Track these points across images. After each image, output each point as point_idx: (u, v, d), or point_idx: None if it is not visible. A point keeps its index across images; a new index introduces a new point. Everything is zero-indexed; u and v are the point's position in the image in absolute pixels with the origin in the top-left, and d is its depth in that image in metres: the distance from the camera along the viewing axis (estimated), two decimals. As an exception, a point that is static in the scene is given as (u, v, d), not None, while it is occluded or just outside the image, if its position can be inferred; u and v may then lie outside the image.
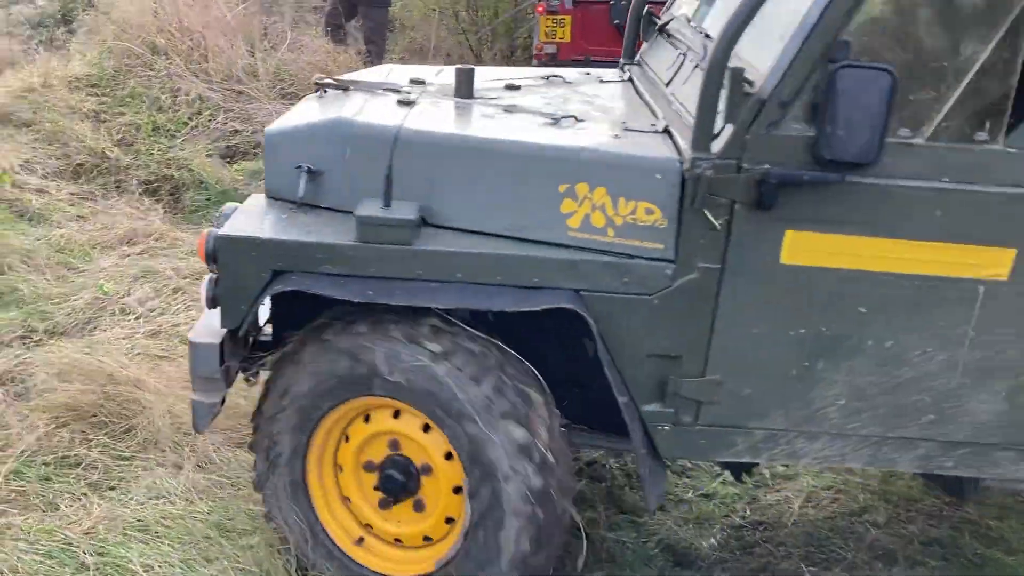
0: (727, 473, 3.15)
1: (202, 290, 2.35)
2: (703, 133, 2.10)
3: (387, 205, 2.28)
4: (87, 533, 2.68)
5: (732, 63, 2.05)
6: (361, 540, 2.56)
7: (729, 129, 2.09)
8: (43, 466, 2.99)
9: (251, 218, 2.38)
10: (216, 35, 6.90)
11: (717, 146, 2.10)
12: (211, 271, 2.33)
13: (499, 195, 2.27)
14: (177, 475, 2.97)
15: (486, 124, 2.47)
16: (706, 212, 2.14)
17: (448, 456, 2.37)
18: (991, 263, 2.18)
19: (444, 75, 2.94)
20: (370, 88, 2.73)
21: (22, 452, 3.02)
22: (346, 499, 2.54)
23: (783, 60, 2.05)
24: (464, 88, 2.68)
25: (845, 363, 2.29)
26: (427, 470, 2.41)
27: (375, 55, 7.85)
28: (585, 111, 2.59)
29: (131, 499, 2.86)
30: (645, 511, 3.07)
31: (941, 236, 2.15)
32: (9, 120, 5.89)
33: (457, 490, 2.39)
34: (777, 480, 3.34)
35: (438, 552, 2.47)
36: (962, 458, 2.39)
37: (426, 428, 2.37)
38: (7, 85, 6.28)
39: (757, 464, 2.73)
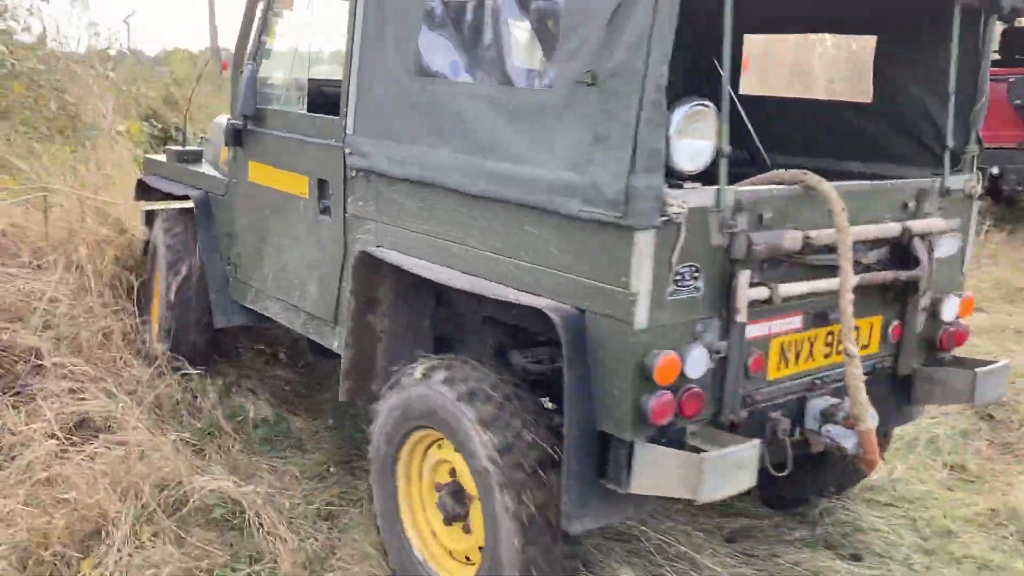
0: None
1: None
2: (233, 107, 3.75)
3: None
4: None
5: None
6: None
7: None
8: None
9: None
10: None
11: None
12: None
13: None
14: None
15: None
16: (229, 150, 3.88)
17: None
18: (300, 186, 3.43)
19: None
20: None
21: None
22: None
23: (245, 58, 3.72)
24: None
25: (269, 248, 3.72)
26: None
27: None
28: None
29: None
30: None
31: (284, 165, 3.51)
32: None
33: None
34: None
35: None
36: (316, 327, 3.48)
37: None
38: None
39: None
